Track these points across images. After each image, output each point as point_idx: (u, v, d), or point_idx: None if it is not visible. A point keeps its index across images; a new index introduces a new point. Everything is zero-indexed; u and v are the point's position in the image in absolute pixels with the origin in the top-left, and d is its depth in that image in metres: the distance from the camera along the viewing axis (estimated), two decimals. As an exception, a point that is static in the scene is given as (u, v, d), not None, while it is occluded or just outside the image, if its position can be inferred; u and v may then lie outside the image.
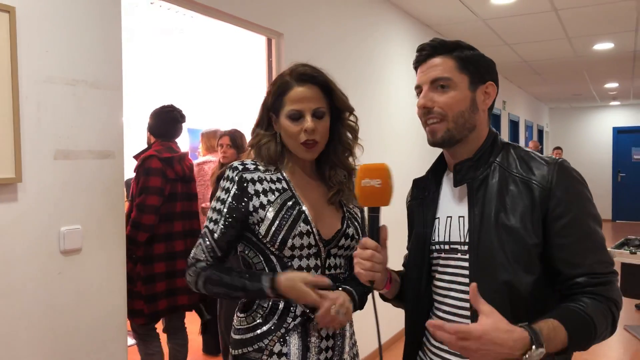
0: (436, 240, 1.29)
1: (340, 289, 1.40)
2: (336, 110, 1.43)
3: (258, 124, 1.46)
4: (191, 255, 1.41)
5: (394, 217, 1.65)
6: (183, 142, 5.46)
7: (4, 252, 1.66)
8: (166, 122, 3.00)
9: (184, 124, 3.11)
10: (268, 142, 1.42)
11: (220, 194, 1.40)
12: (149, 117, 3.07)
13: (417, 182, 1.39)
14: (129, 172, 2.66)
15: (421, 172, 1.41)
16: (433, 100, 1.22)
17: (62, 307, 1.82)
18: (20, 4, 1.69)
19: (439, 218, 1.30)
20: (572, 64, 7.07)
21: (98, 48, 1.94)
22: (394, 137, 4.40)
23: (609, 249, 4.42)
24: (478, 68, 1.24)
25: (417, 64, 1.28)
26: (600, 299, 1.13)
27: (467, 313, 1.21)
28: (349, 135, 1.47)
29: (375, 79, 4.12)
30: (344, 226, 1.43)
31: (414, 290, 1.34)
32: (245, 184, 1.37)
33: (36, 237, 1.75)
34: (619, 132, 12.49)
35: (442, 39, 1.27)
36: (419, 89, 1.27)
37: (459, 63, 1.23)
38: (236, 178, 1.38)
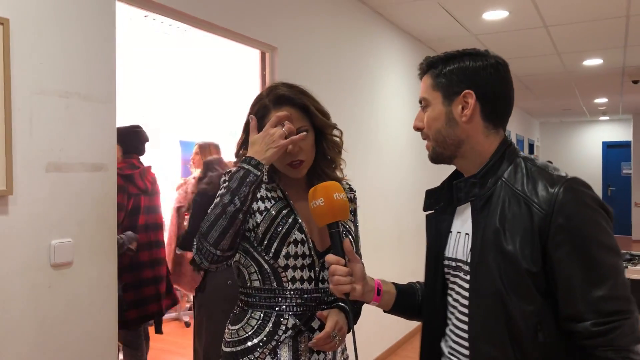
0: (447, 255, 1.27)
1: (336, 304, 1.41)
2: (316, 126, 1.44)
3: (241, 146, 1.45)
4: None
5: (386, 229, 1.66)
6: (175, 155, 5.46)
7: (-7, 265, 1.65)
8: (135, 138, 3.17)
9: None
10: None
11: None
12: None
13: (430, 193, 1.33)
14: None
15: (416, 183, 1.41)
16: (421, 120, 1.25)
17: (52, 321, 1.80)
18: (14, 16, 1.69)
19: (452, 232, 1.27)
20: (562, 79, 7.16)
21: (92, 60, 1.93)
22: (387, 150, 4.41)
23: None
24: (450, 79, 1.19)
25: None
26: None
27: (466, 335, 1.17)
28: (333, 149, 1.47)
29: (368, 93, 4.14)
30: None
31: (429, 303, 1.32)
32: None
33: (27, 250, 1.73)
34: (608, 147, 12.62)
35: (431, 57, 1.25)
36: None
37: (433, 80, 1.22)
38: None
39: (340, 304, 1.42)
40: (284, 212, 1.38)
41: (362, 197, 4.09)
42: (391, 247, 4.31)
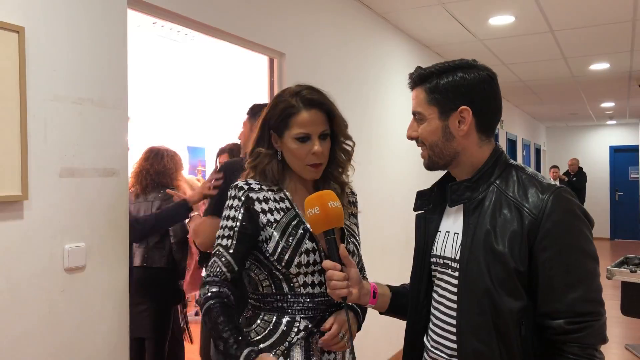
0: (434, 253, 1.33)
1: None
2: (334, 131, 1.47)
3: (258, 143, 1.46)
4: (207, 273, 1.39)
5: (393, 233, 1.67)
6: (183, 160, 5.49)
7: (9, 269, 1.67)
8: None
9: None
10: (270, 163, 1.44)
11: (228, 212, 1.41)
12: None
13: (420, 194, 1.41)
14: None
15: (423, 187, 1.44)
16: (415, 130, 1.30)
17: (64, 325, 1.82)
18: (30, 24, 1.72)
19: (440, 231, 1.33)
20: (569, 83, 7.15)
21: (104, 67, 1.96)
22: (394, 155, 4.43)
23: (608, 267, 4.39)
24: (447, 96, 1.23)
25: (411, 91, 1.34)
26: (573, 356, 1.12)
27: (452, 329, 1.24)
28: (343, 156, 1.50)
29: (375, 98, 4.16)
30: (345, 242, 1.45)
31: (413, 300, 1.38)
32: (252, 202, 1.40)
33: (41, 254, 1.75)
34: (615, 151, 12.58)
35: (421, 69, 1.29)
36: None
37: (428, 95, 1.26)
38: (243, 197, 1.40)
39: (349, 304, 1.43)
40: (294, 222, 1.40)
41: (369, 202, 4.08)
42: (398, 251, 4.31)
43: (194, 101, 5.35)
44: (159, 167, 3.12)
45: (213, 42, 2.81)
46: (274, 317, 1.40)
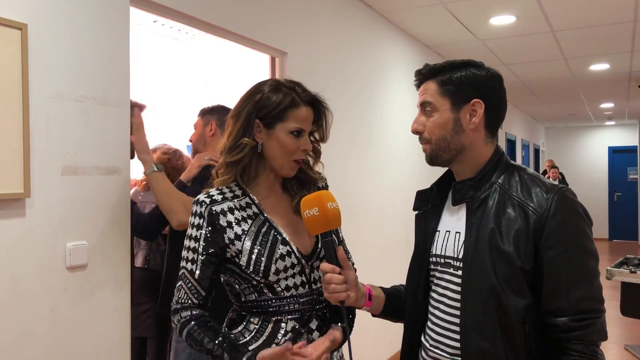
0: (434, 252, 1.33)
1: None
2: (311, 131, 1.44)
3: (244, 133, 1.36)
4: (174, 299, 1.37)
5: (393, 233, 1.66)
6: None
7: (11, 267, 1.66)
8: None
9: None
10: (250, 161, 1.37)
11: (191, 231, 1.35)
12: None
13: (420, 194, 1.41)
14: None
15: (424, 187, 1.43)
16: (422, 124, 1.30)
17: (66, 323, 1.82)
18: (32, 22, 1.71)
19: (439, 231, 1.33)
20: (569, 84, 7.16)
21: (106, 65, 1.96)
22: (394, 155, 4.43)
23: (608, 268, 4.40)
24: (460, 88, 1.24)
25: (417, 89, 1.35)
26: (578, 354, 1.14)
27: (455, 328, 1.24)
28: (316, 155, 1.47)
29: (376, 97, 4.16)
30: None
31: (411, 299, 1.38)
32: (216, 217, 1.33)
33: (43, 252, 1.75)
34: (614, 152, 12.59)
35: (431, 65, 1.30)
36: None
37: (441, 87, 1.26)
38: (205, 213, 1.34)
39: (340, 324, 1.39)
40: (263, 229, 1.35)
41: (368, 203, 4.08)
42: (398, 253, 4.31)
43: (195, 100, 5.34)
44: (185, 167, 3.16)
45: (214, 40, 2.80)
46: (260, 320, 1.36)
